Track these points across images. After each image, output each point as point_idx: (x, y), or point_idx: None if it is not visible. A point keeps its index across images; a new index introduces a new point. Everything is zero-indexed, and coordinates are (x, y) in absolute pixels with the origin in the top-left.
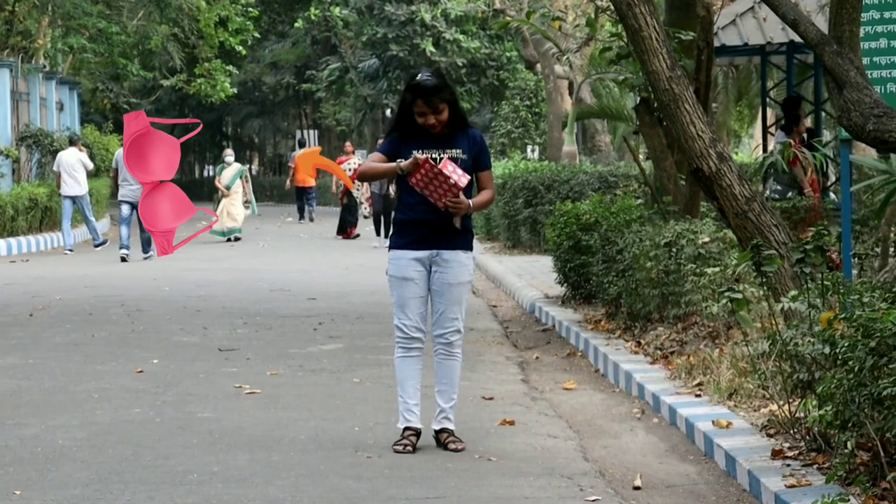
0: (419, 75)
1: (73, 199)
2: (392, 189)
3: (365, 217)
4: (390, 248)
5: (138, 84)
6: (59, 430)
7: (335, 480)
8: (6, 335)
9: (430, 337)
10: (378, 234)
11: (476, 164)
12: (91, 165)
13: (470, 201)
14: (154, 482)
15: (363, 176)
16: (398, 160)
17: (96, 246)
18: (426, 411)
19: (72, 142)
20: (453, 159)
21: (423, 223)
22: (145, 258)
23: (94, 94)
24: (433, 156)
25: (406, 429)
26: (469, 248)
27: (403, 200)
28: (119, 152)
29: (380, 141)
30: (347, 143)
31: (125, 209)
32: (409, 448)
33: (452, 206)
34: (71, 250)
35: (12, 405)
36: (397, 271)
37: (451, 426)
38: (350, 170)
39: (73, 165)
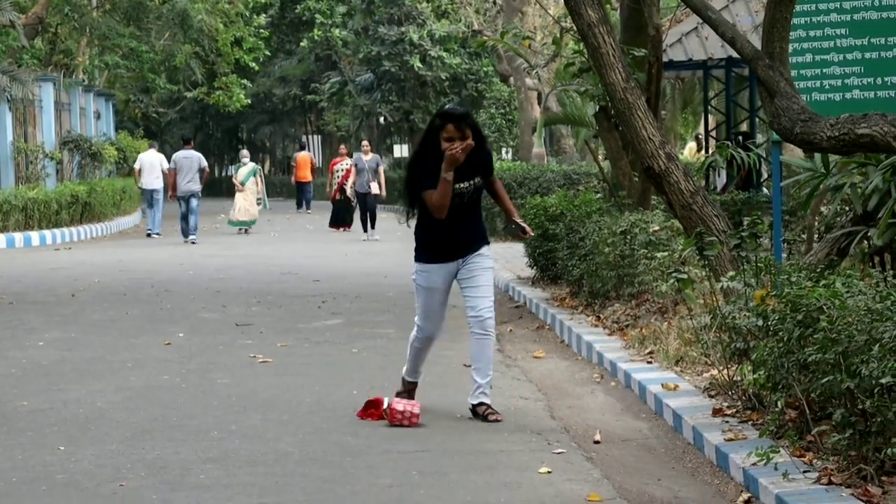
0: (447, 106)
1: (151, 191)
2: (373, 187)
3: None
4: (417, 260)
5: (165, 96)
6: (97, 394)
7: (336, 437)
8: (52, 313)
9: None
10: (364, 230)
11: (486, 174)
12: (167, 165)
13: (522, 222)
14: (180, 439)
15: (443, 209)
16: (442, 177)
17: (149, 234)
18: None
19: (150, 145)
20: (476, 188)
21: (452, 241)
22: (191, 241)
23: (126, 104)
24: (462, 189)
25: (411, 382)
26: (487, 242)
27: (427, 220)
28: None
29: (379, 165)
30: (342, 147)
31: (193, 202)
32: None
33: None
34: (158, 234)
35: (58, 373)
36: (425, 281)
37: (487, 400)
38: (342, 170)
39: (153, 164)
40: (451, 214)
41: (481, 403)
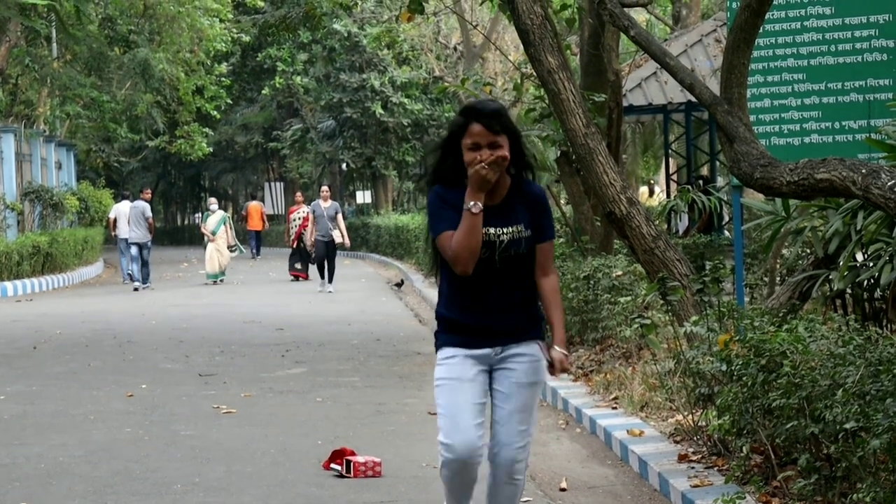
0: (472, 101)
1: (134, 244)
2: (335, 235)
3: (311, 263)
4: (439, 346)
5: (127, 145)
6: (59, 448)
7: (301, 488)
8: (13, 366)
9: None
10: (322, 277)
11: (536, 233)
12: (148, 213)
13: (561, 352)
14: (143, 493)
15: (469, 257)
16: (466, 207)
17: (136, 289)
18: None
19: (124, 197)
20: (515, 240)
21: (482, 316)
22: (144, 287)
23: (88, 154)
24: (490, 237)
25: None
26: (542, 336)
27: (450, 293)
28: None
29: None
30: (298, 194)
31: (134, 249)
32: None
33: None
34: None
35: (19, 427)
36: (448, 371)
37: None
38: (300, 218)
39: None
40: (479, 275)
41: None
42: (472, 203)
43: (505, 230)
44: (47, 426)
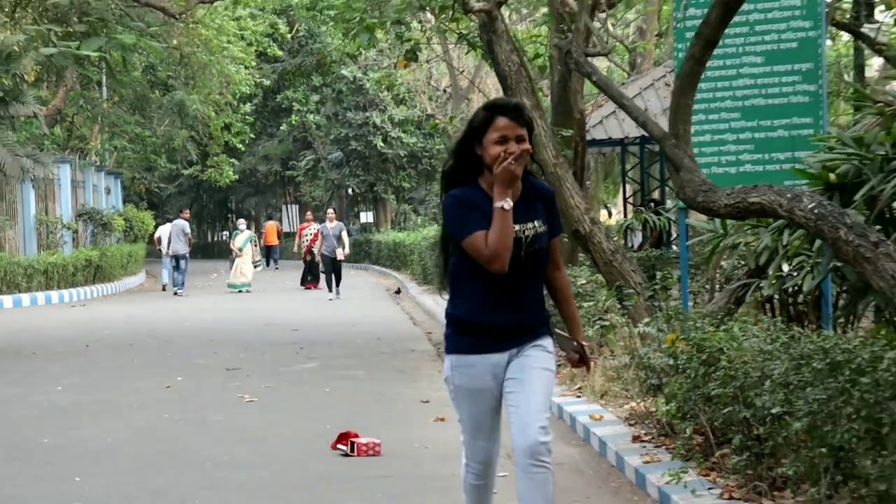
0: (494, 99)
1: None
2: (339, 253)
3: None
4: (451, 350)
5: (165, 173)
6: (108, 431)
7: (312, 465)
8: (69, 361)
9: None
10: (330, 290)
11: (550, 229)
12: (188, 231)
13: (583, 343)
14: (179, 469)
15: (505, 256)
16: (498, 205)
17: (178, 292)
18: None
19: (168, 220)
20: (538, 236)
21: (502, 318)
22: (177, 293)
23: (132, 181)
24: (516, 234)
25: None
26: (550, 331)
27: (465, 288)
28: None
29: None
30: (308, 213)
31: (174, 260)
32: None
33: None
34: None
35: (74, 414)
36: (468, 380)
37: None
38: (311, 234)
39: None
40: (508, 273)
41: None
42: (503, 201)
43: (528, 226)
44: (98, 413)
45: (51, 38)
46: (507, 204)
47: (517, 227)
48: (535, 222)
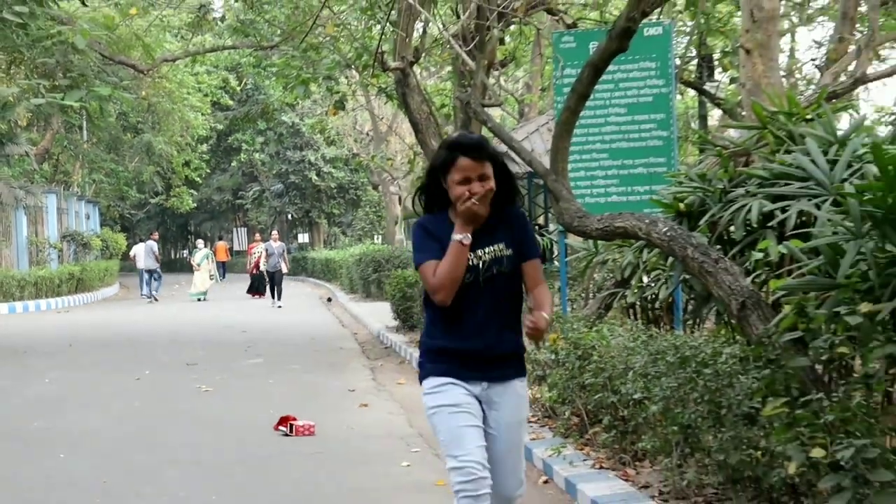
0: (456, 134)
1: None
2: (282, 266)
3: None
4: (425, 375)
5: (135, 201)
6: (88, 417)
7: (258, 444)
8: (55, 358)
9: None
10: (273, 297)
11: (520, 252)
12: (156, 250)
13: (543, 313)
14: (148, 448)
15: (450, 288)
16: (456, 238)
17: (149, 301)
18: None
19: (142, 240)
20: (496, 259)
21: (471, 345)
22: (150, 299)
23: (108, 208)
24: (472, 261)
25: None
26: (524, 372)
27: (438, 321)
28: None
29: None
30: (256, 235)
31: (147, 274)
32: None
33: (534, 334)
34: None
35: (59, 402)
36: (444, 398)
37: None
38: (258, 252)
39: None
40: (465, 299)
41: None
42: (462, 235)
43: (486, 249)
44: (79, 401)
45: (40, 91)
46: (466, 239)
47: (473, 254)
48: (498, 245)
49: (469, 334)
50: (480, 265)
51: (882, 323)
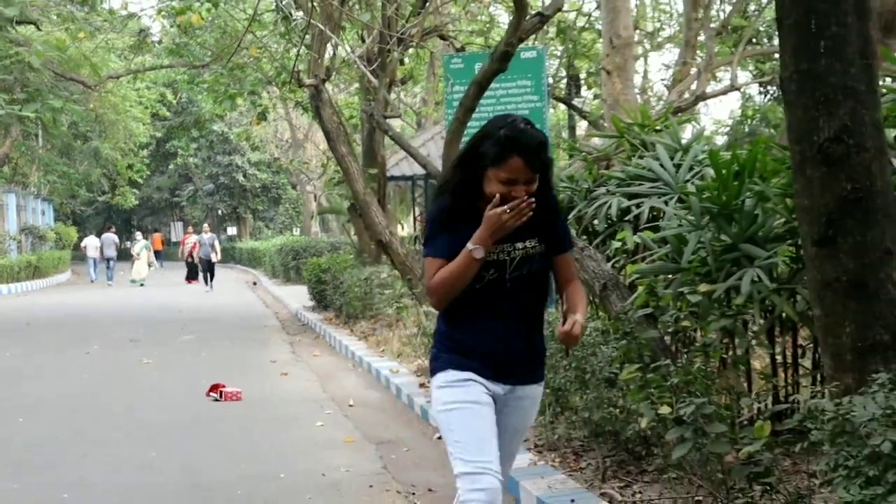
0: (514, 121)
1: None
2: (213, 255)
3: (199, 272)
4: (442, 367)
5: (85, 199)
6: (43, 387)
7: (192, 407)
8: (14, 336)
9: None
10: (206, 283)
11: (553, 246)
12: (117, 241)
13: (578, 317)
14: (98, 413)
15: (445, 296)
16: (469, 247)
17: (109, 284)
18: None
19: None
20: (527, 257)
21: (500, 347)
22: (110, 285)
23: (61, 205)
24: (499, 256)
25: None
26: (543, 377)
27: (458, 313)
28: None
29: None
30: (189, 228)
31: (109, 263)
32: None
33: (567, 340)
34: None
35: (16, 376)
36: (464, 395)
37: None
38: (191, 243)
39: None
40: (489, 297)
41: None
42: (476, 247)
43: (517, 245)
44: (35, 374)
45: (0, 104)
46: (479, 252)
47: (501, 248)
48: (530, 242)
49: (493, 335)
50: (509, 262)
51: (718, 300)
